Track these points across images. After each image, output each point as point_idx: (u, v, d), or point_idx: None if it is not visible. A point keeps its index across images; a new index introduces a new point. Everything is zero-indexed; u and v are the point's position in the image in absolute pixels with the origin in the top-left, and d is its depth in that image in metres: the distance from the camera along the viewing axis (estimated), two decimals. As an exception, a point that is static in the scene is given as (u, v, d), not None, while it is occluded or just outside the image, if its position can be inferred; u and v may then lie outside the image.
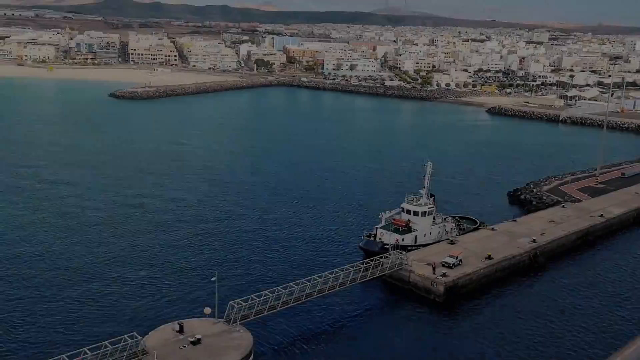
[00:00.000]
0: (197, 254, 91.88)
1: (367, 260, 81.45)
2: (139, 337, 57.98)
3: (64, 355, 53.32)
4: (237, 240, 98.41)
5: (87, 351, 54.38)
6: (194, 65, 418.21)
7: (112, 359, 55.51)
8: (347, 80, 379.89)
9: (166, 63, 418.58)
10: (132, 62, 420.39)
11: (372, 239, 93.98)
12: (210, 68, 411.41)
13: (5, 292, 76.01)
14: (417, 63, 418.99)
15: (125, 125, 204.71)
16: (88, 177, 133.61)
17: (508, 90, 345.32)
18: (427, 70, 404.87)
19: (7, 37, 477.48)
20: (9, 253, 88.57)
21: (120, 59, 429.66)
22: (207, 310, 64.58)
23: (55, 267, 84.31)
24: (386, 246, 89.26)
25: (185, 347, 59.63)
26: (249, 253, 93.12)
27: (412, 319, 75.84)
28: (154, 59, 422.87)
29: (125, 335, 57.06)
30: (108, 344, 55.83)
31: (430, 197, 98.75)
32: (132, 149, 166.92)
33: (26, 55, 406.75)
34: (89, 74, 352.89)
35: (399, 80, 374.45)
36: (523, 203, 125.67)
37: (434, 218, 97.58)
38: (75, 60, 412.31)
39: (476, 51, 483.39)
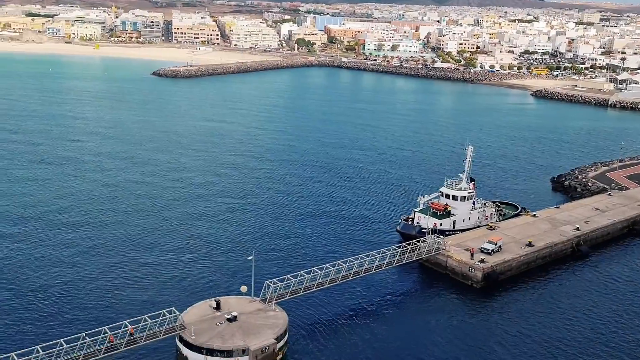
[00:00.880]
0: (235, 233, 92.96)
1: (404, 243, 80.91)
2: (177, 313, 59.15)
3: (105, 327, 54.84)
4: (274, 221, 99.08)
5: (128, 324, 55.80)
6: (235, 45, 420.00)
7: (151, 333, 56.85)
8: (388, 61, 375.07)
9: (208, 42, 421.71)
10: (175, 41, 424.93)
11: (409, 222, 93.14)
12: (251, 47, 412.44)
13: (48, 261, 78.66)
14: (460, 44, 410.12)
15: (166, 103, 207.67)
16: (130, 151, 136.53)
17: (555, 73, 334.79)
18: (470, 52, 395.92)
19: (55, 15, 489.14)
20: (57, 221, 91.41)
21: (163, 38, 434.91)
22: (244, 288, 65.38)
23: (98, 238, 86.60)
24: (424, 230, 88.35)
25: (221, 323, 60.58)
26: (287, 234, 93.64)
27: (448, 305, 75.05)
28: (196, 37, 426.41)
29: (164, 310, 58.26)
30: (147, 318, 57.16)
31: (470, 181, 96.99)
32: (174, 125, 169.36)
33: (74, 34, 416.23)
34: (133, 52, 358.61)
35: (441, 62, 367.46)
36: (567, 189, 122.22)
37: (473, 203, 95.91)
38: (120, 39, 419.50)
39: (523, 32, 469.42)
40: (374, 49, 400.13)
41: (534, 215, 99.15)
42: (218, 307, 63.05)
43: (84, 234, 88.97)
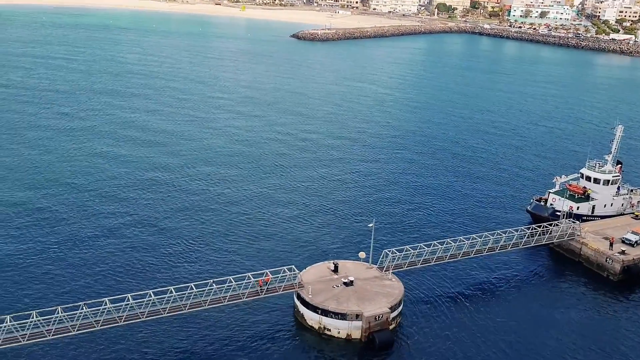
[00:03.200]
0: (357, 198, 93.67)
1: (534, 225, 76.51)
2: (297, 271, 61.23)
3: (231, 277, 58.28)
4: (396, 190, 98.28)
5: (251, 277, 58.84)
6: (374, 9, 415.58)
7: (271, 287, 59.53)
8: (535, 28, 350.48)
9: (348, 5, 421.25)
10: (315, 4, 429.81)
11: (542, 203, 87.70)
12: (389, 12, 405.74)
13: (184, 210, 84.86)
14: (620, 12, 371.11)
15: (301, 66, 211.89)
16: (262, 111, 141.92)
17: None
18: (632, 21, 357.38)
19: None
20: (193, 173, 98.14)
21: (305, 1, 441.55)
22: (362, 254, 65.93)
23: (228, 191, 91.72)
24: (557, 213, 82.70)
25: (337, 286, 61.79)
26: (409, 204, 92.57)
27: (577, 296, 70.05)
28: (336, 1, 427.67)
29: (285, 267, 60.56)
30: (269, 273, 59.86)
31: (617, 164, 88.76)
32: (306, 88, 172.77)
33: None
34: (276, 14, 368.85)
35: (595, 32, 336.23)
36: None
37: (618, 188, 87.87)
38: (264, 1, 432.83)
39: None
40: (520, 15, 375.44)
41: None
42: (336, 270, 64.29)
43: (217, 186, 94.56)
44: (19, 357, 53.10)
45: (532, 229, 74.40)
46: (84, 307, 51.73)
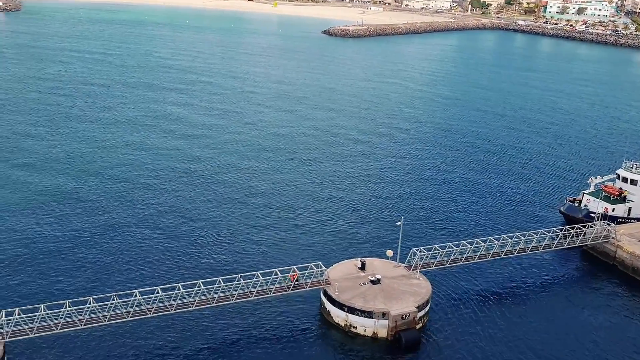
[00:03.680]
0: (385, 194, 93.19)
1: (566, 227, 74.95)
2: (324, 268, 61.28)
3: (258, 272, 58.70)
4: (425, 187, 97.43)
5: (278, 272, 59.11)
6: (406, 5, 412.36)
7: (298, 283, 59.66)
8: (571, 25, 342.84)
9: (379, 2, 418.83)
10: (347, 0, 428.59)
11: (575, 204, 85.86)
12: (422, 8, 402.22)
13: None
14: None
15: (332, 62, 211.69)
16: (292, 106, 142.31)
17: None
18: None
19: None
20: (223, 164, 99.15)
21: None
22: (390, 252, 65.56)
23: (261, 190, 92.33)
24: (592, 214, 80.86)
25: (364, 284, 61.60)
26: (438, 201, 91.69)
27: (610, 301, 68.28)
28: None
29: (312, 264, 60.69)
30: (296, 269, 60.05)
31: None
32: (336, 83, 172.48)
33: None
34: (307, 11, 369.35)
35: (635, 28, 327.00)
36: None
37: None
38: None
39: None
40: (557, 12, 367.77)
41: None
42: (363, 268, 64.11)
43: (247, 179, 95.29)
44: (52, 347, 54.48)
45: (564, 231, 72.90)
46: (115, 298, 52.76)
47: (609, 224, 76.27)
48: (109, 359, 53.55)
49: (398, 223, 66.28)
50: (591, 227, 75.08)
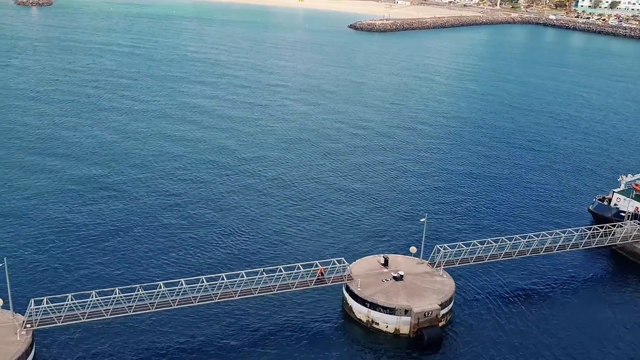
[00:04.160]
0: (410, 190, 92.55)
1: (595, 226, 73.48)
2: (346, 263, 61.17)
3: (281, 267, 58.86)
4: (450, 183, 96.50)
5: (300, 267, 59.21)
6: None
7: (321, 278, 59.69)
8: (604, 20, 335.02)
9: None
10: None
11: (605, 203, 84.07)
12: (450, 2, 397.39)
13: (235, 201, 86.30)
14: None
15: (358, 56, 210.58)
16: (319, 100, 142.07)
17: None
18: None
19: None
20: (249, 157, 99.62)
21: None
22: (413, 249, 65.18)
23: (285, 182, 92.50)
24: (622, 214, 79.12)
25: (387, 280, 61.32)
26: (462, 200, 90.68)
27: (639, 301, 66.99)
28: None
29: (334, 259, 60.62)
30: (319, 264, 60.08)
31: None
32: (362, 78, 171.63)
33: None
34: (334, 5, 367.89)
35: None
36: None
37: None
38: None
39: None
40: (589, 6, 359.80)
41: None
42: (386, 264, 63.82)
43: (272, 170, 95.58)
44: (77, 336, 55.53)
45: (593, 230, 71.48)
46: (140, 289, 53.50)
47: (639, 224, 74.55)
48: (134, 349, 54.42)
49: (422, 220, 65.71)
50: (621, 226, 73.49)
